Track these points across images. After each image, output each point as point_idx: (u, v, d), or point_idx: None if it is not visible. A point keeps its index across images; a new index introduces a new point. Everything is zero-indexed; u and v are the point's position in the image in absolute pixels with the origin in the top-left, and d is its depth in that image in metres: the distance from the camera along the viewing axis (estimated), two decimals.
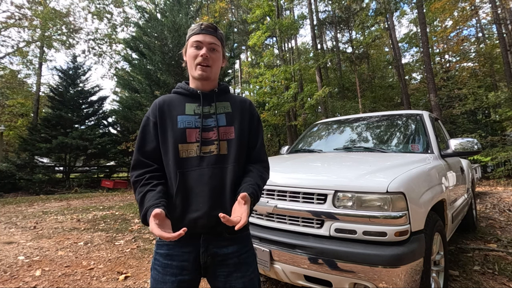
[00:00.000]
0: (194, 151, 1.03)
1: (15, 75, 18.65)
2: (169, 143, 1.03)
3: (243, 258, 1.05)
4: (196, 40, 1.07)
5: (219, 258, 1.02)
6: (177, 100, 1.11)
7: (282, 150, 3.65)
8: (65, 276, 2.74)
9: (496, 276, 2.50)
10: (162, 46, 11.54)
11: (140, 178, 1.03)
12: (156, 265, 1.03)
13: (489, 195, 6.94)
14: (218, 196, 1.01)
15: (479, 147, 2.46)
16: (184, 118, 1.06)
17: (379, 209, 1.56)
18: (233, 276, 1.02)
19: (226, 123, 1.09)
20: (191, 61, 1.09)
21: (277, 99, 14.50)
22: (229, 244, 1.04)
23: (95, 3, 19.74)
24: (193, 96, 1.11)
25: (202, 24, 1.09)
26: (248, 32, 17.07)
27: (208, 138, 1.05)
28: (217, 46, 1.10)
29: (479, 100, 11.72)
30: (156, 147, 1.06)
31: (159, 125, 1.06)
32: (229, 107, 1.13)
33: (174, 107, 1.08)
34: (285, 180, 1.93)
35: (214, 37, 1.09)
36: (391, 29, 16.27)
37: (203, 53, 1.06)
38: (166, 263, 1.01)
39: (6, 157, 13.69)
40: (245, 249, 1.07)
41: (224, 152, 1.05)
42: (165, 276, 1.00)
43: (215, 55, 1.09)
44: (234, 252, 1.04)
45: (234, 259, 1.03)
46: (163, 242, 1.04)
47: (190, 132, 1.04)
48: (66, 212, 6.38)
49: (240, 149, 1.08)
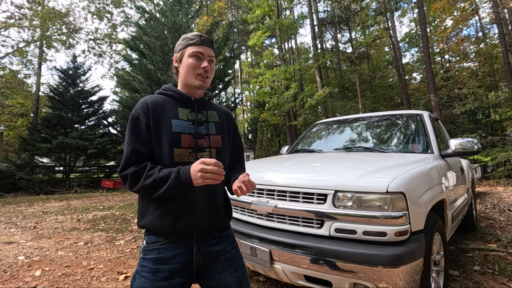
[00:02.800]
0: (186, 156, 1.05)
1: (15, 75, 18.65)
2: (164, 146, 1.02)
3: (233, 253, 1.13)
4: (197, 51, 1.10)
5: (212, 256, 1.07)
6: (168, 103, 1.10)
7: (282, 150, 3.65)
8: (65, 276, 2.74)
9: (496, 276, 2.50)
10: (162, 46, 11.54)
11: (141, 166, 0.98)
12: (144, 272, 0.99)
13: (489, 195, 6.94)
14: (210, 200, 1.08)
15: (479, 147, 2.46)
16: (179, 122, 1.06)
17: (379, 209, 1.56)
18: (227, 271, 1.08)
19: (215, 132, 1.15)
20: (190, 70, 1.11)
21: (277, 99, 14.51)
22: (219, 242, 1.11)
23: (95, 3, 19.76)
24: (185, 102, 1.13)
25: (202, 36, 1.12)
26: (248, 32, 17.08)
27: (200, 145, 1.09)
28: (214, 59, 1.17)
29: (479, 100, 11.72)
30: (149, 148, 1.02)
31: (153, 127, 1.03)
32: (216, 117, 1.19)
33: (168, 110, 1.07)
34: (285, 180, 1.93)
35: (212, 49, 1.15)
36: (392, 29, 16.27)
37: (205, 65, 1.10)
38: (156, 268, 0.98)
39: (6, 157, 13.69)
40: (232, 245, 1.15)
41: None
42: (155, 282, 0.97)
43: (212, 66, 1.15)
44: (224, 248, 1.11)
45: (226, 255, 1.10)
46: (153, 247, 1.01)
47: (184, 137, 1.05)
48: (66, 212, 6.39)
49: (226, 157, 1.18)
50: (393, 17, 16.36)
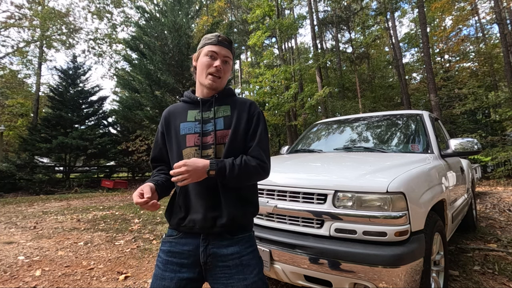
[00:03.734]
0: (192, 154, 1.08)
1: (15, 75, 18.64)
2: (174, 150, 1.13)
3: (245, 260, 1.03)
4: (212, 50, 1.11)
5: (219, 259, 1.03)
6: (181, 109, 1.19)
7: (282, 150, 3.65)
8: (65, 276, 2.74)
9: (496, 276, 2.50)
10: (163, 46, 11.53)
11: (153, 172, 1.22)
12: (158, 262, 1.07)
13: (489, 195, 6.94)
14: (213, 198, 1.05)
15: (479, 147, 2.46)
16: (186, 125, 1.13)
17: (379, 209, 1.56)
18: (235, 278, 1.00)
19: (224, 127, 1.10)
20: (203, 69, 1.12)
21: (277, 99, 14.51)
22: (229, 244, 1.04)
23: (95, 3, 19.75)
24: (194, 103, 1.17)
25: (220, 36, 1.13)
26: (248, 32, 17.07)
27: (206, 142, 1.09)
28: (230, 60, 1.15)
29: (479, 100, 11.71)
30: (164, 154, 1.19)
31: (166, 134, 1.17)
32: (229, 111, 1.13)
33: (178, 116, 1.17)
34: (285, 180, 1.93)
35: (228, 50, 1.14)
36: (392, 28, 16.27)
37: (217, 65, 1.10)
38: (167, 260, 1.05)
39: (6, 157, 13.69)
40: (247, 251, 1.05)
41: (220, 156, 1.07)
42: (164, 273, 1.03)
43: (226, 67, 1.14)
44: (234, 253, 1.03)
45: (235, 261, 1.02)
46: (167, 239, 1.10)
47: (189, 137, 1.10)
48: (66, 212, 6.38)
49: (234, 152, 1.07)
50: (393, 17, 16.35)
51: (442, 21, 17.59)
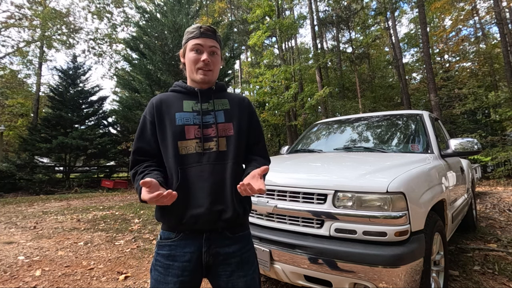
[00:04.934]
0: (193, 147, 1.04)
1: (15, 75, 18.65)
2: (168, 140, 1.04)
3: (245, 257, 1.06)
4: (196, 43, 1.08)
5: (221, 257, 1.03)
6: (174, 98, 1.12)
7: (282, 150, 3.65)
8: (65, 276, 2.74)
9: (496, 276, 2.50)
10: (163, 46, 11.53)
11: (137, 168, 1.05)
12: (158, 266, 1.03)
13: (489, 195, 6.94)
14: (218, 192, 1.02)
15: (479, 147, 2.46)
16: (182, 115, 1.07)
17: (379, 209, 1.56)
18: (235, 275, 1.03)
19: (224, 120, 1.09)
20: (191, 65, 1.09)
21: (277, 99, 14.51)
22: (231, 243, 1.05)
23: (95, 3, 19.75)
24: (190, 94, 1.12)
25: (201, 27, 1.09)
26: (248, 32, 17.07)
27: (207, 134, 1.06)
28: (217, 49, 1.11)
29: (479, 100, 11.72)
30: (153, 146, 1.08)
31: (157, 124, 1.08)
32: (228, 104, 1.13)
33: (172, 105, 1.09)
34: (285, 180, 1.93)
35: (214, 40, 1.10)
36: (392, 28, 16.27)
37: (204, 58, 1.06)
38: (168, 264, 1.01)
39: (6, 157, 13.68)
40: (246, 248, 1.09)
41: (223, 149, 1.06)
42: (167, 277, 1.00)
43: (215, 58, 1.11)
44: (236, 251, 1.05)
45: (236, 258, 1.04)
46: (165, 242, 1.04)
47: (188, 128, 1.05)
48: (66, 212, 6.38)
49: (239, 145, 1.09)
50: (393, 17, 16.35)
51: (441, 20, 17.57)
